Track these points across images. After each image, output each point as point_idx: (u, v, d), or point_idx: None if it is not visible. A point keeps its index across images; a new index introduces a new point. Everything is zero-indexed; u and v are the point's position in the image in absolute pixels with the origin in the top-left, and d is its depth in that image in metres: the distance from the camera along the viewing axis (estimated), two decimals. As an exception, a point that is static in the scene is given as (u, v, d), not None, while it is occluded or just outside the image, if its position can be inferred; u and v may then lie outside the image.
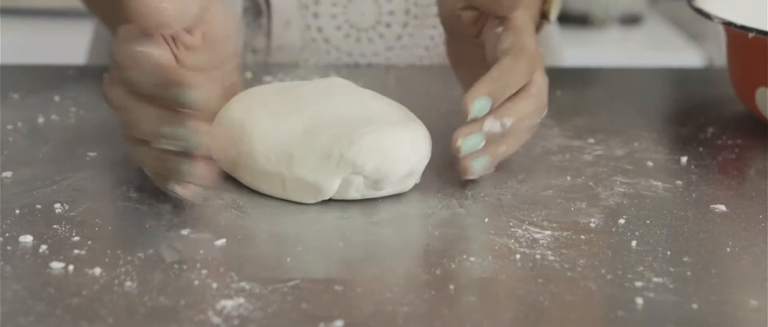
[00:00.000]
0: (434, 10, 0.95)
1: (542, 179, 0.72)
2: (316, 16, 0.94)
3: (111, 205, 0.66)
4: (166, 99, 0.63)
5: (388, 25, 0.95)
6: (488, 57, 0.71)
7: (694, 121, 0.85)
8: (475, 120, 0.67)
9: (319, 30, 0.94)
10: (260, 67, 0.94)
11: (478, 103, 0.67)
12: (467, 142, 0.67)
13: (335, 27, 0.94)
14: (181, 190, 0.63)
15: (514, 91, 0.69)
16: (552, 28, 1.12)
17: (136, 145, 0.66)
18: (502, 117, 0.68)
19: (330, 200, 0.67)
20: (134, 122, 0.65)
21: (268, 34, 0.94)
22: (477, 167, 0.68)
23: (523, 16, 0.71)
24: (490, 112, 0.67)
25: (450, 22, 0.76)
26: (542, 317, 0.55)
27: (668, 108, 0.93)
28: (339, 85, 0.71)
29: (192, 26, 0.69)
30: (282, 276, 0.58)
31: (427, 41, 0.96)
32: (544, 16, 0.84)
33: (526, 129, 0.71)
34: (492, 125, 0.68)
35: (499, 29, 0.71)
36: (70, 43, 1.30)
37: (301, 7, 0.94)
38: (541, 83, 0.71)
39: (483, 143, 0.68)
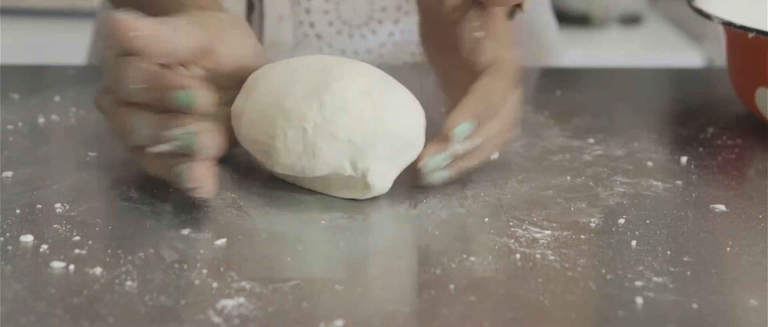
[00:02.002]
0: None
1: (542, 179, 0.72)
2: (308, 11, 0.94)
3: (111, 205, 0.66)
4: (162, 102, 0.63)
5: (380, 22, 0.95)
6: (463, 54, 0.71)
7: (694, 121, 0.85)
8: (443, 137, 0.67)
9: (312, 26, 0.94)
10: None
11: (461, 129, 0.67)
12: (433, 161, 0.67)
13: (327, 23, 0.94)
14: (192, 189, 0.63)
15: (495, 113, 0.69)
16: (552, 27, 1.12)
17: (137, 152, 0.66)
18: (472, 138, 0.68)
19: (329, 200, 0.67)
20: (130, 130, 0.65)
21: (261, 30, 0.95)
22: (434, 179, 0.68)
23: (503, 11, 0.71)
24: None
25: (429, 5, 0.75)
26: (542, 317, 0.55)
27: (668, 108, 0.93)
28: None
29: (194, 57, 0.68)
30: (282, 276, 0.58)
31: (418, 38, 0.96)
32: (518, 4, 0.83)
33: (493, 146, 0.71)
34: (461, 146, 0.68)
35: (479, 33, 0.70)
36: (70, 43, 1.30)
37: (294, 3, 0.94)
38: (513, 100, 0.71)
39: (447, 162, 0.68)
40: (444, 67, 0.74)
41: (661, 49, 1.90)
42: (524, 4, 0.81)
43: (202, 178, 0.63)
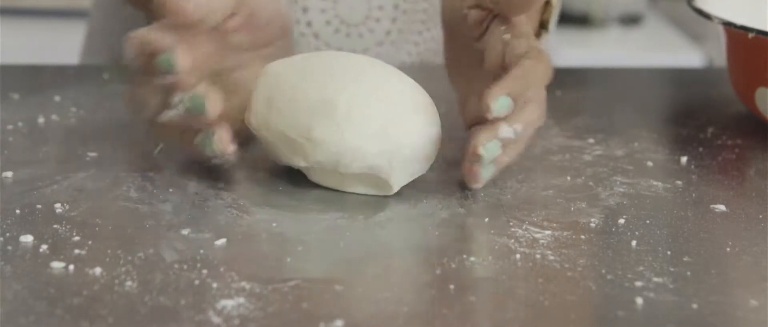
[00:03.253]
0: (423, 5, 0.95)
1: (542, 179, 0.72)
2: (305, 10, 0.94)
3: (111, 205, 0.66)
4: (152, 71, 0.64)
5: (378, 20, 0.95)
6: (489, 63, 0.70)
7: (694, 121, 0.85)
8: (491, 125, 0.66)
9: (309, 24, 0.94)
10: None
11: (499, 102, 0.65)
12: (488, 148, 0.66)
13: (325, 22, 0.94)
14: (217, 154, 0.65)
15: (532, 96, 0.67)
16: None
17: (155, 127, 0.68)
18: (513, 123, 0.66)
19: (329, 200, 0.68)
20: (139, 101, 0.67)
21: None
22: (486, 175, 0.67)
23: (527, 22, 0.71)
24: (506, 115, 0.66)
25: (452, 22, 0.75)
26: (542, 317, 0.55)
27: (668, 108, 0.93)
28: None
29: (232, 11, 0.69)
30: (282, 276, 0.58)
31: (415, 37, 0.96)
32: (542, 25, 0.83)
33: (527, 137, 0.70)
34: (507, 132, 0.66)
35: (508, 36, 0.69)
36: (70, 43, 1.30)
37: (291, 2, 0.94)
38: (545, 92, 0.70)
39: (499, 151, 0.66)
40: (465, 85, 0.74)
41: (661, 49, 1.90)
42: (549, 23, 0.81)
43: (225, 140, 0.64)
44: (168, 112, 0.66)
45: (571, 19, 1.92)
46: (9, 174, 0.70)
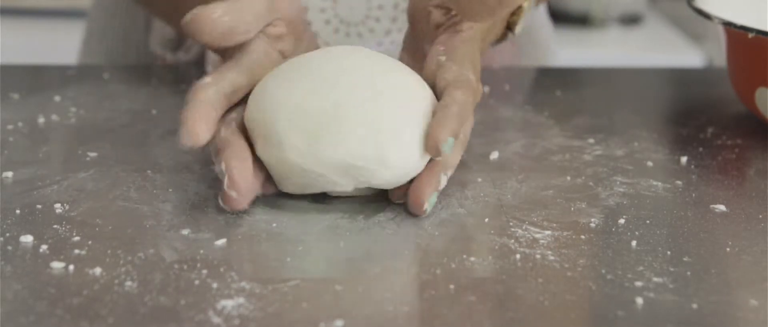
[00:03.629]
0: None
1: (542, 179, 0.72)
2: (305, 10, 0.94)
3: (111, 205, 0.66)
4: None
5: (378, 20, 0.95)
6: (425, 75, 0.70)
7: (694, 121, 0.85)
8: (431, 176, 0.66)
9: (309, 24, 0.94)
10: None
11: (448, 144, 0.65)
12: (431, 202, 0.66)
13: (324, 21, 0.94)
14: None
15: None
16: (547, 28, 1.12)
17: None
18: (448, 170, 0.68)
19: (329, 201, 0.68)
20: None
21: None
22: (430, 209, 0.67)
23: (475, 29, 0.71)
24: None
25: (416, 16, 0.75)
26: (542, 317, 0.55)
27: (668, 108, 0.93)
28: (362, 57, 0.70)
29: (268, 21, 0.71)
30: (282, 276, 0.58)
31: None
32: (509, 27, 0.82)
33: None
34: (444, 182, 0.67)
35: (443, 58, 0.70)
36: (70, 43, 1.30)
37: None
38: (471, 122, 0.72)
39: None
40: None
41: (661, 49, 1.90)
42: (516, 27, 0.80)
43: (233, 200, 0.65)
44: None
45: (571, 19, 1.92)
46: (9, 174, 0.70)
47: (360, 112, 0.65)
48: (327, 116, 0.65)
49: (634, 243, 0.63)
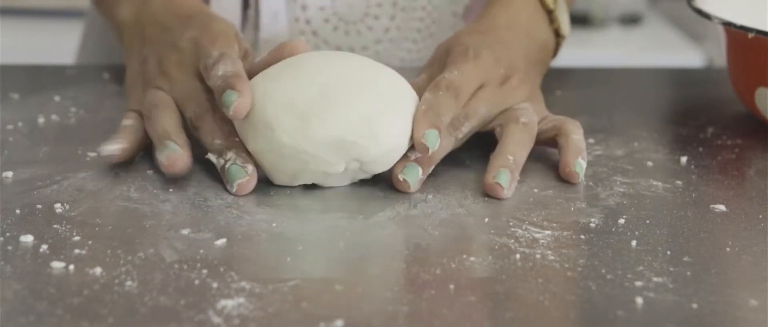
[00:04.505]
0: (422, 2, 0.95)
1: (542, 179, 0.72)
2: (304, 8, 0.94)
3: (111, 205, 0.66)
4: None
5: (376, 18, 0.95)
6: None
7: (694, 121, 0.85)
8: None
9: (308, 22, 0.94)
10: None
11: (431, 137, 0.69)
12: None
13: (323, 19, 0.94)
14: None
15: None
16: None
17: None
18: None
19: (329, 200, 0.68)
20: None
21: (256, 27, 0.94)
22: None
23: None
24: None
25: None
26: (542, 317, 0.55)
27: (668, 108, 0.93)
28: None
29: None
30: (282, 276, 0.58)
31: (414, 34, 0.96)
32: (558, 33, 0.86)
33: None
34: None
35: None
36: (70, 43, 1.30)
37: (289, 0, 0.94)
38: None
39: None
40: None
41: (661, 49, 1.90)
42: (562, 30, 0.86)
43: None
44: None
45: (571, 19, 1.91)
46: (9, 174, 0.70)
47: (347, 92, 0.67)
48: (316, 99, 0.67)
49: (634, 243, 0.63)
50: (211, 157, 0.69)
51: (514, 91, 0.75)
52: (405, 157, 0.69)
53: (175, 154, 0.68)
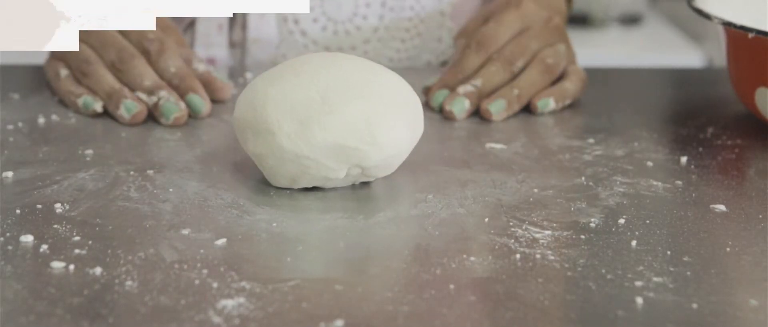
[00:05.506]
0: (410, 2, 0.95)
1: (542, 179, 0.72)
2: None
3: (111, 205, 0.66)
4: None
5: (365, 17, 0.95)
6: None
7: (694, 121, 0.85)
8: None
9: (296, 22, 0.94)
10: (238, 65, 0.95)
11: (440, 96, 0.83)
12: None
13: (312, 19, 0.94)
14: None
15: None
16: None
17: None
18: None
19: (329, 199, 0.68)
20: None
21: (244, 27, 0.95)
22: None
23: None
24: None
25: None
26: (542, 317, 0.55)
27: (668, 108, 0.93)
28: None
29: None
30: (282, 276, 0.58)
31: (402, 34, 0.96)
32: None
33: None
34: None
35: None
36: (70, 43, 1.30)
37: None
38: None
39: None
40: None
41: (661, 49, 1.90)
42: None
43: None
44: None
45: (571, 19, 1.91)
46: (9, 174, 0.70)
47: (347, 96, 0.67)
48: (316, 104, 0.67)
49: (634, 243, 0.63)
50: (141, 94, 0.80)
51: (556, 31, 0.88)
52: (455, 92, 0.83)
53: (136, 110, 0.79)
